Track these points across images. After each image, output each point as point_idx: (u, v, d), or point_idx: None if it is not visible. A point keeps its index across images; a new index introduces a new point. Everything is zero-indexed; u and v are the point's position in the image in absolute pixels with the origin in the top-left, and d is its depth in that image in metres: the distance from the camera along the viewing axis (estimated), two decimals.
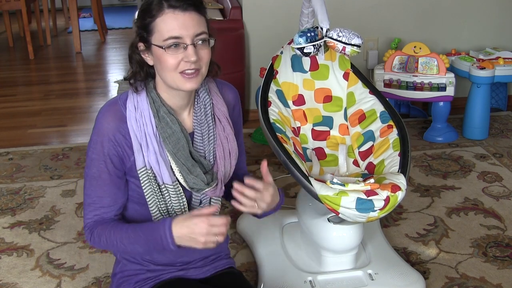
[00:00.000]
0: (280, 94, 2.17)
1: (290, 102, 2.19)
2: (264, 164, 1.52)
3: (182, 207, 1.55)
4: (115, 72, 4.80)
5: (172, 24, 1.40)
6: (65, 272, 2.21)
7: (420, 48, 3.19)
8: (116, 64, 5.06)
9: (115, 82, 4.49)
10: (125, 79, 1.54)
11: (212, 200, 1.60)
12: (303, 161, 2.01)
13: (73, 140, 3.42)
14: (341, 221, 1.84)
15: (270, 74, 2.20)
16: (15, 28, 5.99)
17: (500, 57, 3.28)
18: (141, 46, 1.47)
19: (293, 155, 1.89)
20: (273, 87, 2.17)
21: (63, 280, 2.17)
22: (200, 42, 1.43)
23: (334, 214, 1.77)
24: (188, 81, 1.44)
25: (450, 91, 3.15)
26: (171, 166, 1.51)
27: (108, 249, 1.54)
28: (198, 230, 1.42)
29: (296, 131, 2.17)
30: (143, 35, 1.44)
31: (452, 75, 3.16)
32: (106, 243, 1.52)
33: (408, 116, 3.61)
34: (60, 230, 2.48)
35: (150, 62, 1.48)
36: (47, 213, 2.61)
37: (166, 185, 1.51)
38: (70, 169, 3.03)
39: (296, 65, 2.22)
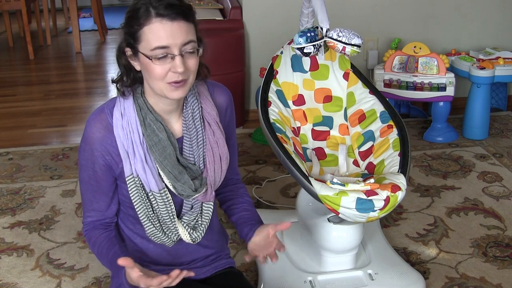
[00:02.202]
0: (280, 94, 2.17)
1: (290, 102, 2.19)
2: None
3: (171, 215, 1.54)
4: (115, 72, 4.78)
5: (160, 33, 1.37)
6: (65, 272, 2.22)
7: (420, 48, 3.19)
8: (116, 64, 5.04)
9: None
10: (113, 81, 1.53)
11: (203, 205, 1.60)
12: (303, 161, 2.01)
13: (73, 140, 3.42)
14: (341, 221, 1.84)
15: (270, 74, 2.20)
16: (15, 28, 5.98)
17: (500, 57, 3.28)
18: (128, 51, 1.44)
19: (293, 155, 1.89)
20: (273, 87, 2.17)
21: (63, 280, 2.17)
22: (187, 51, 1.40)
23: (334, 214, 1.77)
24: (176, 90, 1.42)
25: (450, 91, 3.15)
26: (159, 173, 1.50)
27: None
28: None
29: (296, 131, 2.17)
30: (130, 41, 1.42)
31: (452, 75, 3.16)
32: (94, 251, 1.59)
33: (408, 116, 3.61)
34: (60, 230, 2.48)
35: (138, 68, 1.46)
36: (47, 213, 2.61)
37: (153, 193, 1.51)
38: (70, 169, 3.03)
39: (296, 65, 2.22)
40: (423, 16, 3.60)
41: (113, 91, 4.27)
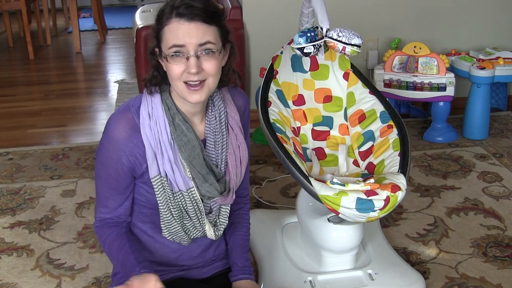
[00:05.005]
0: (280, 94, 2.17)
1: (290, 102, 2.19)
2: None
3: (198, 212, 1.55)
4: (115, 72, 4.80)
5: (176, 32, 1.39)
6: (65, 272, 2.22)
7: (420, 48, 3.19)
8: (116, 64, 5.06)
9: (115, 82, 4.49)
10: (143, 80, 1.53)
11: (221, 207, 1.60)
12: (303, 161, 2.01)
13: (73, 140, 3.42)
14: (341, 221, 1.84)
15: (270, 74, 2.20)
16: (15, 28, 5.98)
17: (500, 57, 3.28)
18: (157, 51, 1.47)
19: (293, 155, 1.89)
20: (273, 87, 2.17)
21: (63, 280, 2.17)
22: (204, 52, 1.41)
23: (334, 214, 1.77)
24: (194, 93, 1.43)
25: (450, 91, 3.15)
26: (185, 174, 1.51)
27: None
28: None
29: (296, 131, 2.17)
30: (156, 42, 1.45)
31: (452, 75, 3.16)
32: (104, 249, 1.59)
33: (408, 116, 3.61)
34: (60, 230, 2.48)
35: (165, 68, 1.48)
36: (47, 213, 2.61)
37: (182, 192, 1.51)
38: (70, 169, 3.03)
39: (296, 65, 2.22)
40: (423, 16, 3.60)
41: (113, 91, 4.27)
